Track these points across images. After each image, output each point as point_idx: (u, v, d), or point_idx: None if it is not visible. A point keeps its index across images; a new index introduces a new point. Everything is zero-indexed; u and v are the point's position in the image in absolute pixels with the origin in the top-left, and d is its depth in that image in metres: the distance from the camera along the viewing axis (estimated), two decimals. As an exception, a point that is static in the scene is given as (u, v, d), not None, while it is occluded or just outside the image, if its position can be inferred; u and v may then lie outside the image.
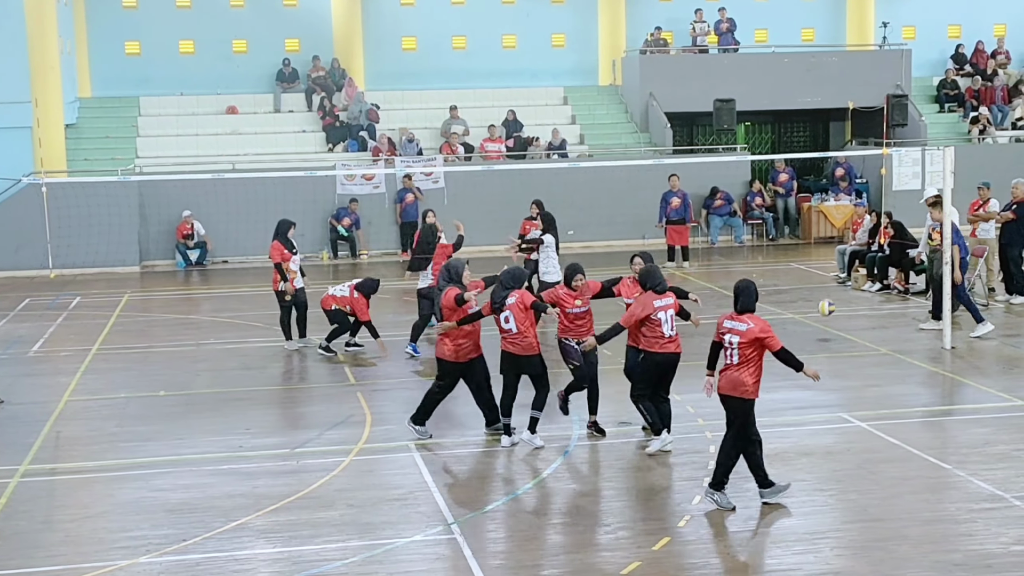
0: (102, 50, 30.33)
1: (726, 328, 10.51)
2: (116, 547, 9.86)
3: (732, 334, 10.45)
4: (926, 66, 33.34)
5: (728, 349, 10.47)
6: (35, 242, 24.88)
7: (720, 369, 10.60)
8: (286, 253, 17.19)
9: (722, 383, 10.53)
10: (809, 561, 9.23)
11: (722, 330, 10.55)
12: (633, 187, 27.38)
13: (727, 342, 10.47)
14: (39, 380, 16.19)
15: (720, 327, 10.58)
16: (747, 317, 10.47)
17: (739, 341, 10.39)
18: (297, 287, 17.32)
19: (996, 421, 13.05)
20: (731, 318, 10.54)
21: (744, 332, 10.39)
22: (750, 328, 10.38)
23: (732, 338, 10.44)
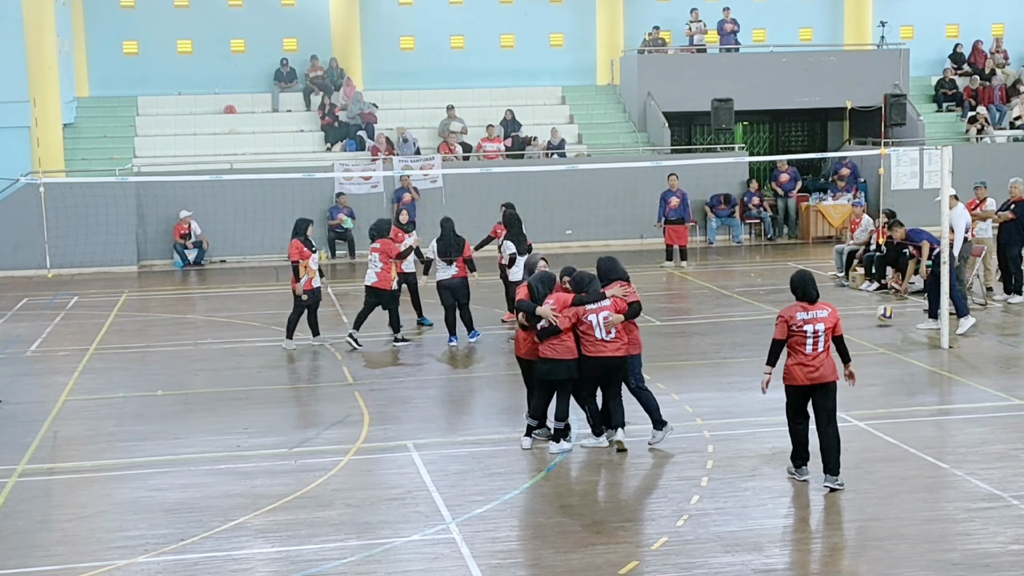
0: (100, 49, 30.33)
1: (805, 319, 10.71)
2: (114, 547, 9.85)
3: (815, 323, 10.71)
4: (924, 65, 33.36)
5: (815, 338, 10.68)
6: (33, 242, 24.86)
7: (802, 361, 10.70)
8: (305, 251, 17.15)
9: (816, 372, 10.70)
10: (807, 560, 9.23)
11: (797, 323, 10.70)
12: (631, 187, 27.39)
13: (811, 332, 10.67)
14: (37, 380, 16.19)
15: (792, 321, 10.71)
16: (821, 304, 10.83)
17: (824, 328, 10.72)
18: (314, 286, 17.28)
19: (994, 420, 13.05)
20: (804, 309, 10.75)
21: (827, 318, 10.77)
22: (831, 313, 10.85)
23: (817, 327, 10.69)
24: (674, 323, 18.92)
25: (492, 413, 13.85)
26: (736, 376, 15.15)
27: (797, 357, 10.72)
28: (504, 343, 17.70)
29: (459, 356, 17.11)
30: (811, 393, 10.77)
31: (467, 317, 17.76)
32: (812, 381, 10.70)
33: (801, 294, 10.82)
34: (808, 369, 10.68)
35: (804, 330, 10.67)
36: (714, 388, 14.62)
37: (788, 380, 10.80)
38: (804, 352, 10.69)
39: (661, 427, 12.22)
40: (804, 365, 10.69)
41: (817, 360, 10.67)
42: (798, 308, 10.77)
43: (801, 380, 10.71)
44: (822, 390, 10.74)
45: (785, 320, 10.74)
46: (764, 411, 13.49)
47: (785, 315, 10.78)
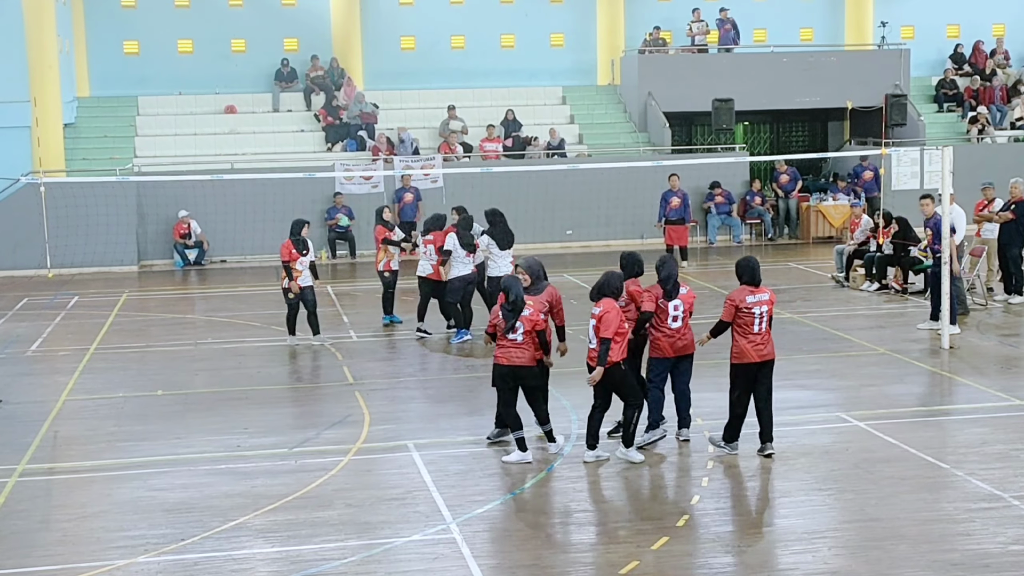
0: (100, 49, 30.33)
1: (753, 302, 11.50)
2: (114, 547, 9.85)
3: (761, 305, 11.51)
4: (925, 66, 33.36)
5: (761, 319, 11.50)
6: (33, 241, 24.87)
7: (752, 340, 11.51)
8: (294, 253, 17.25)
9: (764, 349, 11.57)
10: (807, 561, 9.23)
11: (747, 305, 11.49)
12: (631, 187, 27.39)
13: (758, 313, 11.47)
14: (37, 379, 16.19)
15: (743, 303, 11.50)
16: (764, 288, 11.66)
17: (768, 309, 11.55)
18: (303, 285, 17.32)
19: (994, 421, 13.05)
20: (751, 292, 11.56)
21: (768, 300, 11.60)
22: (772, 295, 11.70)
23: (762, 308, 11.51)
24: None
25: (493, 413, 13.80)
26: (736, 376, 15.12)
27: (747, 337, 11.51)
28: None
29: (460, 356, 17.11)
30: (759, 370, 11.58)
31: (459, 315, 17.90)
32: (762, 358, 11.57)
33: (748, 278, 11.61)
34: (758, 347, 11.52)
35: (753, 311, 11.47)
36: (714, 388, 14.56)
37: (740, 359, 11.58)
38: (753, 332, 11.50)
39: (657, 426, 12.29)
40: (754, 344, 11.51)
41: (763, 338, 11.53)
42: (746, 292, 11.56)
43: (753, 357, 11.53)
44: (768, 366, 11.64)
45: (734, 303, 11.51)
46: (764, 411, 13.50)
47: (735, 298, 11.53)
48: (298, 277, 17.28)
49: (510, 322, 11.65)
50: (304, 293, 17.38)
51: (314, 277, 17.55)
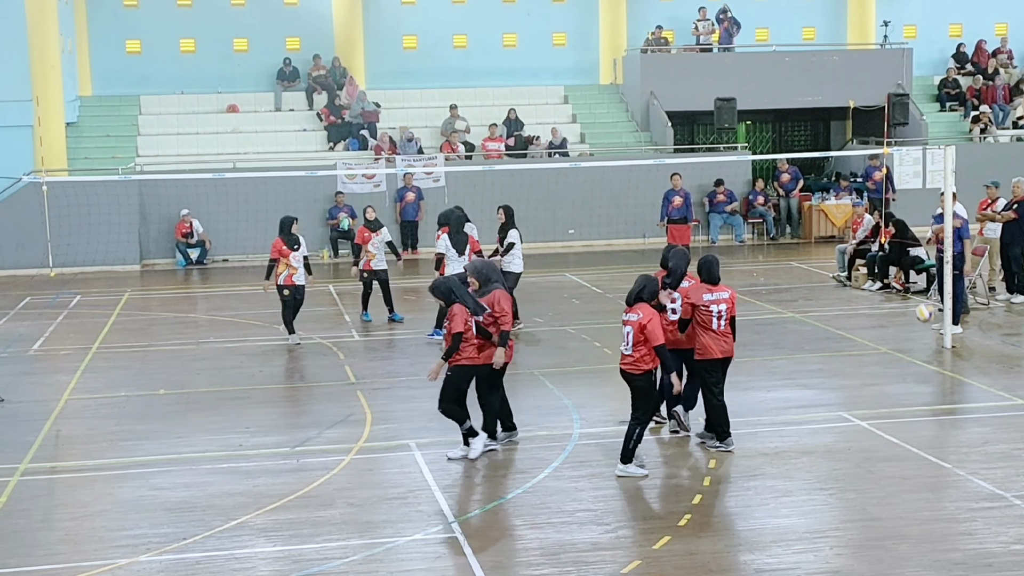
0: (103, 48, 30.34)
1: (710, 300, 11.70)
2: (116, 546, 9.85)
3: (719, 304, 11.73)
4: (927, 65, 33.34)
5: (719, 317, 11.69)
6: (35, 241, 24.86)
7: (714, 336, 11.73)
8: (285, 249, 17.31)
9: (728, 345, 11.81)
10: (808, 560, 9.22)
11: (704, 303, 11.70)
12: (633, 186, 27.38)
13: (716, 311, 11.67)
14: (39, 379, 16.20)
15: (700, 301, 11.70)
16: (723, 286, 11.87)
17: (727, 307, 11.76)
18: (295, 283, 17.36)
19: (996, 420, 13.04)
20: (711, 291, 11.78)
21: (728, 299, 11.81)
22: (732, 294, 11.92)
23: (721, 307, 11.71)
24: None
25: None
26: (738, 376, 15.08)
27: (710, 333, 11.73)
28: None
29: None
30: (723, 364, 11.85)
31: None
32: (725, 353, 11.83)
33: (706, 276, 11.83)
34: (722, 342, 11.77)
35: (711, 309, 11.68)
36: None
37: (705, 355, 11.78)
38: (713, 329, 11.71)
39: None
40: (718, 339, 11.74)
41: (725, 335, 11.76)
42: (704, 290, 11.78)
43: (716, 353, 11.77)
44: (728, 363, 11.91)
45: (691, 301, 11.72)
46: (766, 411, 13.51)
47: (692, 296, 11.74)
48: (294, 274, 17.30)
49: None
50: (296, 291, 17.42)
51: (307, 273, 17.60)
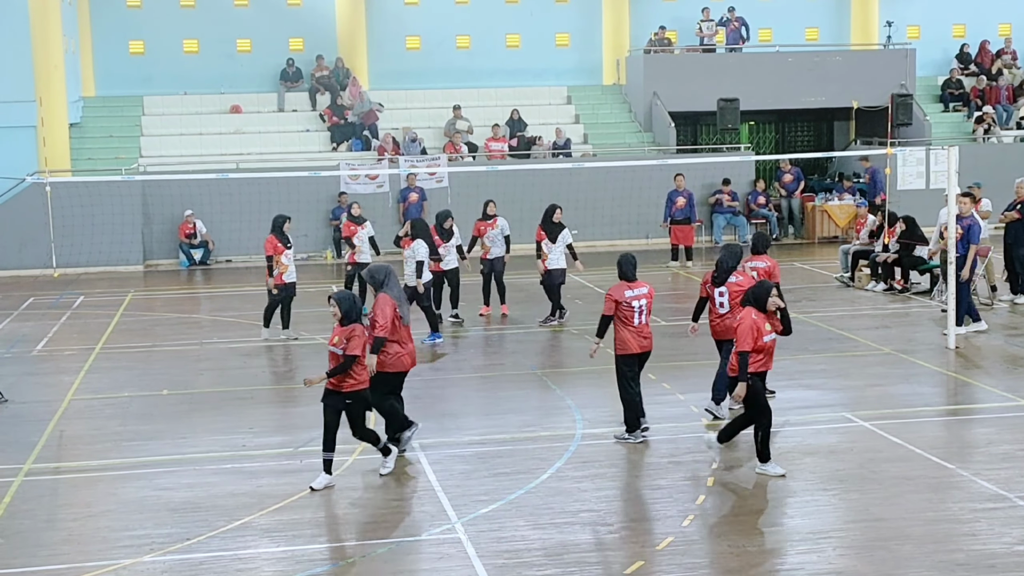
0: (106, 49, 30.35)
1: (631, 296, 12.15)
2: (119, 546, 9.86)
3: (639, 299, 12.18)
4: (930, 65, 33.32)
5: (640, 312, 12.21)
6: (39, 241, 24.89)
7: (634, 331, 12.20)
8: (279, 247, 17.48)
9: (647, 341, 12.28)
10: (812, 560, 9.22)
11: (626, 299, 12.14)
12: (636, 187, 27.37)
13: (637, 307, 12.17)
14: (42, 379, 16.21)
15: (621, 298, 12.14)
16: (641, 283, 12.34)
17: (647, 302, 12.28)
18: (287, 281, 17.51)
19: (1000, 421, 13.04)
20: (629, 288, 12.21)
21: (647, 295, 12.32)
22: (650, 290, 12.42)
23: (641, 302, 12.22)
24: (679, 323, 18.89)
25: (497, 413, 13.85)
26: (741, 376, 15.12)
27: (629, 328, 12.16)
28: (509, 344, 17.71)
29: (463, 356, 17.12)
30: (640, 360, 12.27)
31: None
32: (643, 349, 12.27)
33: (621, 274, 12.29)
34: (641, 338, 12.20)
35: (632, 305, 12.13)
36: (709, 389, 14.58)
37: (623, 350, 12.22)
38: (634, 324, 12.15)
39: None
40: (637, 335, 12.16)
41: (645, 330, 12.22)
42: (624, 287, 12.22)
43: (635, 348, 12.20)
44: (646, 357, 12.39)
45: (614, 298, 12.15)
46: (769, 411, 13.49)
47: (614, 294, 12.17)
48: (284, 272, 17.48)
49: None
50: (288, 288, 17.54)
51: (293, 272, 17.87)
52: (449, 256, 18.59)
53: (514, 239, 20.09)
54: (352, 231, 19.49)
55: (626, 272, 12.30)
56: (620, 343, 12.23)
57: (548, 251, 18.44)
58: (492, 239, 19.30)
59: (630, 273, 12.29)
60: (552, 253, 18.46)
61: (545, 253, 18.46)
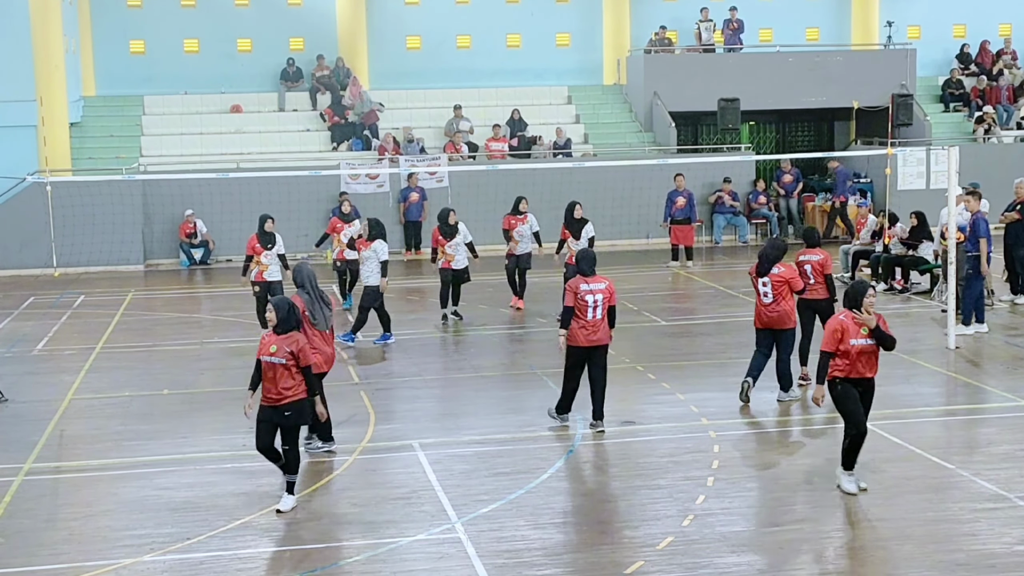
0: (106, 49, 30.34)
1: (585, 291, 12.48)
2: (120, 545, 9.87)
3: (595, 294, 12.49)
4: (931, 66, 33.30)
5: (595, 307, 12.48)
6: (39, 240, 24.89)
7: (583, 325, 12.53)
8: (257, 247, 17.70)
9: (595, 336, 12.56)
10: (812, 560, 9.22)
11: (580, 293, 12.47)
12: (637, 186, 27.36)
13: (592, 302, 12.46)
14: (43, 378, 16.21)
15: (578, 291, 12.48)
16: (599, 278, 12.65)
17: (602, 297, 12.52)
18: (271, 280, 17.67)
19: (1000, 421, 13.04)
20: (585, 282, 12.53)
21: (604, 290, 12.54)
22: (608, 285, 12.63)
23: (596, 297, 12.50)
24: (679, 323, 18.91)
25: (497, 413, 13.86)
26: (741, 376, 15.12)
27: (579, 321, 12.48)
28: (508, 343, 17.71)
29: (463, 356, 17.13)
30: (589, 353, 12.55)
31: None
32: (590, 343, 12.53)
33: (579, 269, 12.65)
34: (587, 332, 12.48)
35: (586, 299, 12.44)
36: (719, 388, 14.61)
37: (572, 341, 12.57)
38: (586, 317, 12.46)
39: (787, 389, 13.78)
40: (586, 328, 12.47)
41: (594, 325, 12.48)
42: (581, 281, 12.55)
43: (582, 341, 12.52)
44: (600, 350, 12.61)
45: (572, 290, 12.53)
46: (770, 411, 13.51)
47: (572, 286, 12.58)
48: (264, 271, 17.63)
49: None
50: (272, 287, 17.60)
51: (285, 268, 17.78)
52: (459, 256, 18.67)
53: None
54: (338, 228, 20.01)
55: (582, 267, 12.66)
56: (571, 334, 12.60)
57: (575, 247, 18.45)
58: (521, 234, 19.79)
59: (586, 268, 12.63)
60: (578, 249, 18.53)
61: (572, 249, 18.49)
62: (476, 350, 17.42)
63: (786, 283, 13.53)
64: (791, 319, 13.63)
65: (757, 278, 13.62)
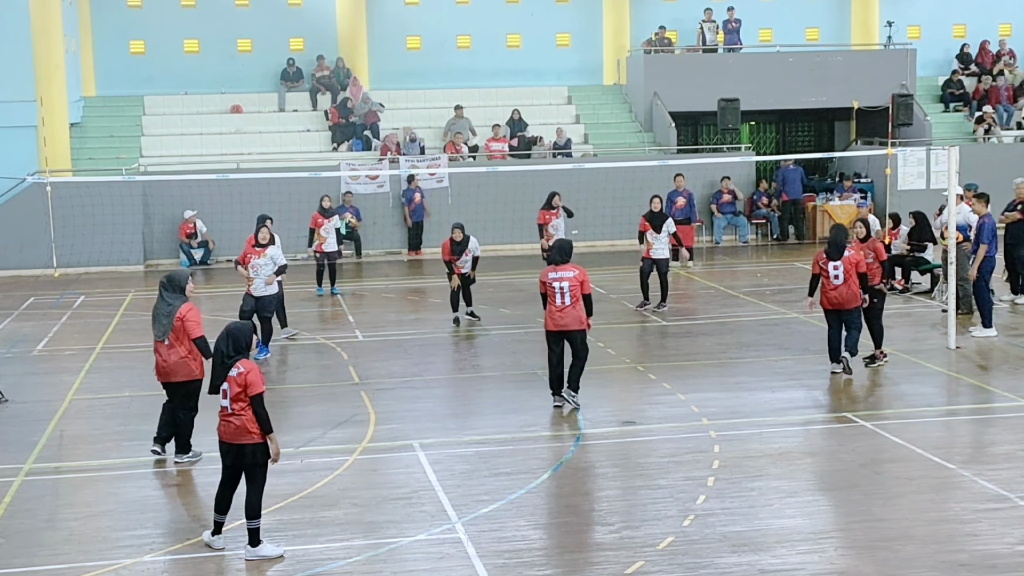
0: (107, 49, 30.34)
1: (553, 278, 13.21)
2: (120, 546, 9.86)
3: (561, 282, 13.18)
4: (931, 66, 33.29)
5: (562, 293, 13.20)
6: (39, 241, 24.88)
7: (551, 311, 13.31)
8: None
9: (562, 321, 13.26)
10: (813, 561, 9.21)
11: (548, 280, 13.26)
12: (637, 186, 27.27)
13: (558, 288, 13.17)
14: (43, 379, 16.21)
15: (546, 278, 13.32)
16: (570, 266, 13.30)
17: (568, 286, 13.17)
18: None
19: (1001, 421, 13.03)
20: (556, 270, 13.28)
21: (572, 278, 13.18)
22: (577, 274, 13.24)
23: (563, 285, 13.16)
24: (680, 323, 18.90)
25: (498, 413, 13.84)
26: (742, 376, 15.14)
27: (550, 307, 13.33)
28: (509, 343, 17.70)
29: (464, 356, 17.12)
30: (563, 337, 13.26)
31: None
32: (557, 327, 13.25)
33: (550, 258, 13.49)
34: (557, 317, 13.26)
35: (553, 286, 13.23)
36: (720, 388, 14.61)
37: (545, 326, 13.46)
38: (555, 303, 13.26)
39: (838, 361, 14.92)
40: (554, 314, 13.26)
41: (565, 311, 13.18)
42: (550, 270, 13.36)
43: (551, 326, 13.35)
44: (567, 336, 13.26)
45: (542, 279, 13.40)
46: (770, 411, 13.50)
47: (542, 275, 13.42)
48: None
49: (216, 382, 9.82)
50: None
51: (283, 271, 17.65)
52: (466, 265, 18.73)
53: (514, 238, 20.17)
54: (319, 223, 21.24)
55: (553, 256, 13.47)
56: (545, 319, 13.50)
57: (653, 240, 19.42)
58: (556, 227, 21.24)
59: (556, 258, 13.40)
60: (657, 243, 19.45)
61: (650, 242, 19.44)
62: (477, 350, 17.41)
63: (854, 265, 14.71)
64: (857, 298, 14.77)
65: (828, 262, 14.74)
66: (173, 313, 11.80)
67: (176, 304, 11.85)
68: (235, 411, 9.70)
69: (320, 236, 21.23)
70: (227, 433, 9.72)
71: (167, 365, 11.87)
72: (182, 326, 11.75)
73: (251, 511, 9.50)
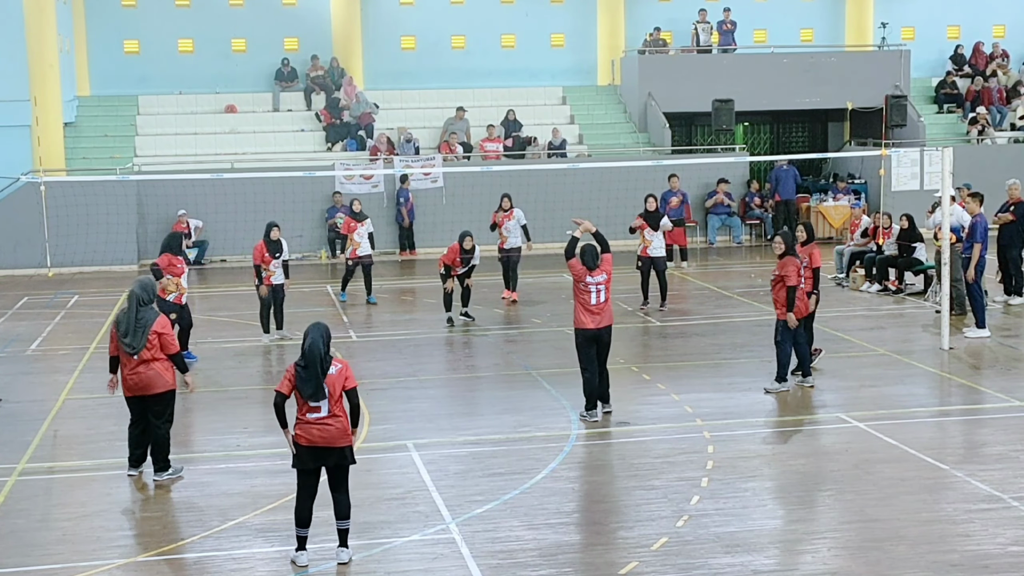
0: (101, 48, 30.32)
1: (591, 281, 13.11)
2: (113, 546, 9.86)
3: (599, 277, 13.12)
4: (925, 67, 33.35)
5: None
6: (33, 240, 24.87)
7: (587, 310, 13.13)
8: (267, 256, 17.76)
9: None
10: (806, 561, 9.23)
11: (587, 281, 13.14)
12: (631, 187, 27.30)
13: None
14: (37, 378, 16.20)
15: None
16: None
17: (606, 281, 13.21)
18: (275, 283, 17.78)
19: (994, 422, 13.06)
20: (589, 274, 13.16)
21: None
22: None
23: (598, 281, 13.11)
24: (674, 324, 18.92)
25: (492, 413, 13.85)
26: (736, 377, 15.16)
27: (583, 310, 13.06)
28: (503, 343, 17.72)
29: (458, 356, 17.13)
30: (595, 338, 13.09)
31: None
32: (598, 326, 13.04)
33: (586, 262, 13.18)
34: (594, 318, 13.06)
35: (590, 288, 12.99)
36: (714, 389, 14.62)
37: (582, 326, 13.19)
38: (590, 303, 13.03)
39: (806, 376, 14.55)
40: (590, 315, 13.08)
41: (601, 308, 13.07)
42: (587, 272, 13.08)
43: (589, 325, 13.06)
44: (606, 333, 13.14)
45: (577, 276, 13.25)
46: (764, 412, 13.53)
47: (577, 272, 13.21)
48: (271, 277, 17.76)
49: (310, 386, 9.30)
50: (275, 290, 17.79)
51: (285, 275, 17.98)
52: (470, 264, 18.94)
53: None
54: (352, 227, 20.55)
55: (587, 261, 13.16)
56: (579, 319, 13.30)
57: (651, 239, 19.58)
58: (509, 229, 20.99)
59: (590, 263, 13.13)
60: (655, 240, 19.61)
61: (648, 240, 19.57)
62: (471, 350, 17.42)
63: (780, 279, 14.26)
64: (782, 305, 14.23)
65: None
66: (148, 326, 11.40)
67: (150, 317, 11.45)
68: (334, 412, 9.28)
69: (353, 241, 20.57)
70: (325, 438, 9.24)
71: (141, 378, 11.46)
72: (158, 341, 11.43)
73: (348, 510, 9.39)
